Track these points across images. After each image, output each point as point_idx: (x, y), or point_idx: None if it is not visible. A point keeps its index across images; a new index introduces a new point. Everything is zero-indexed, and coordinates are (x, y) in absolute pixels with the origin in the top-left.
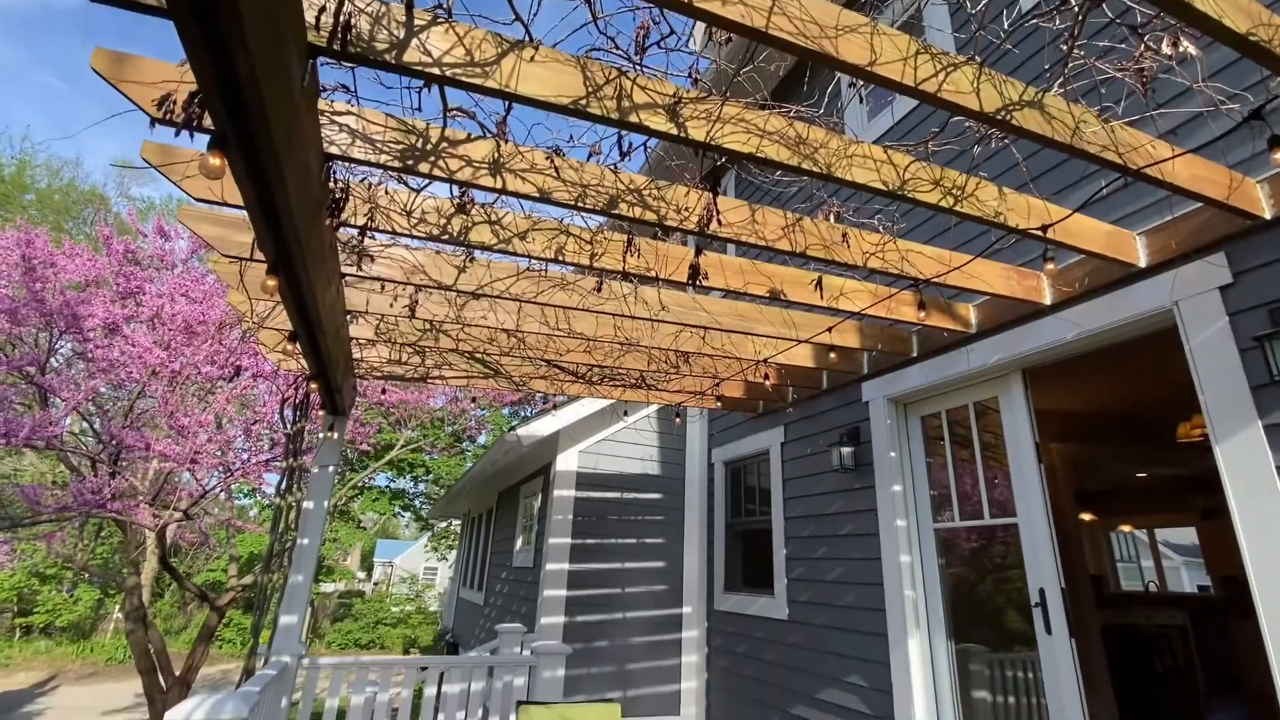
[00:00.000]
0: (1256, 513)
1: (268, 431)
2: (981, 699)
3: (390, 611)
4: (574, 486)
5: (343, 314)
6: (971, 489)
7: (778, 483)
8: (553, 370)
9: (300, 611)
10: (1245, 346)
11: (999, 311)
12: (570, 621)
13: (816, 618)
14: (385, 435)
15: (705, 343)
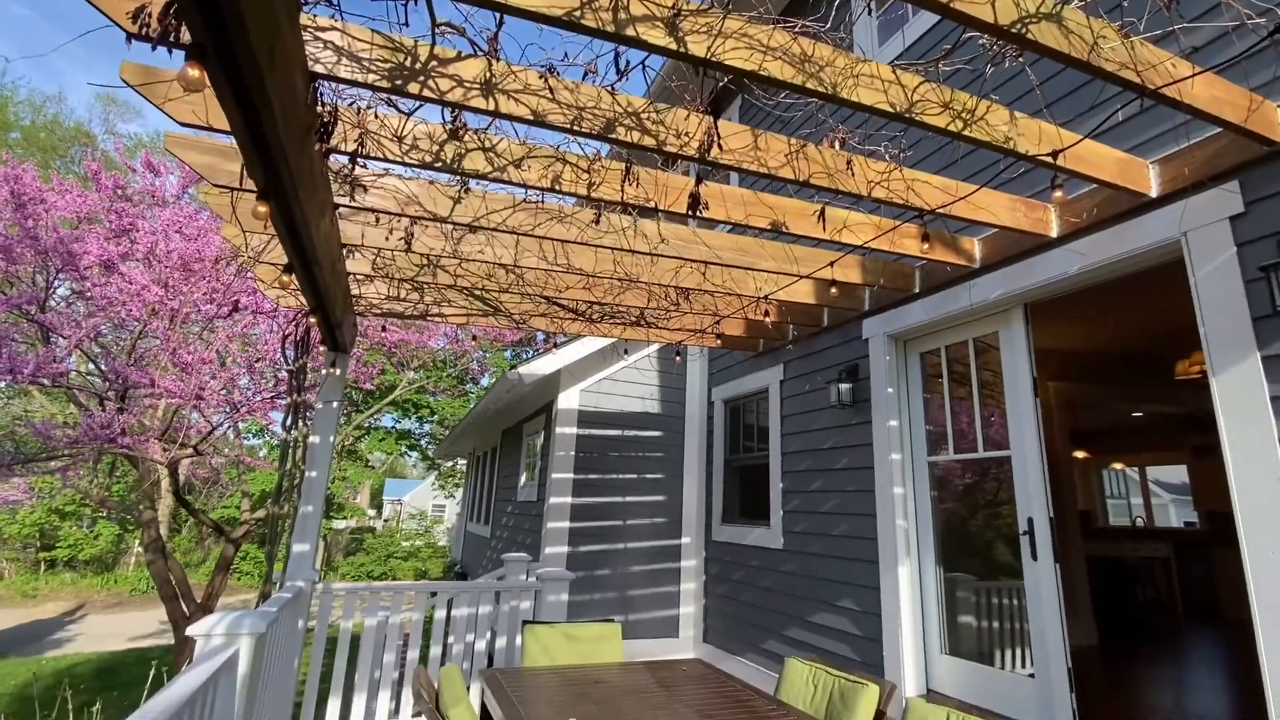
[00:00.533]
0: (1246, 442)
1: (271, 369)
2: (967, 623)
3: (400, 546)
4: (576, 424)
5: (338, 247)
6: (966, 425)
7: (776, 419)
8: (552, 308)
9: (312, 540)
10: (1251, 278)
11: (1004, 245)
12: (574, 551)
13: (811, 547)
14: (389, 376)
15: (706, 279)
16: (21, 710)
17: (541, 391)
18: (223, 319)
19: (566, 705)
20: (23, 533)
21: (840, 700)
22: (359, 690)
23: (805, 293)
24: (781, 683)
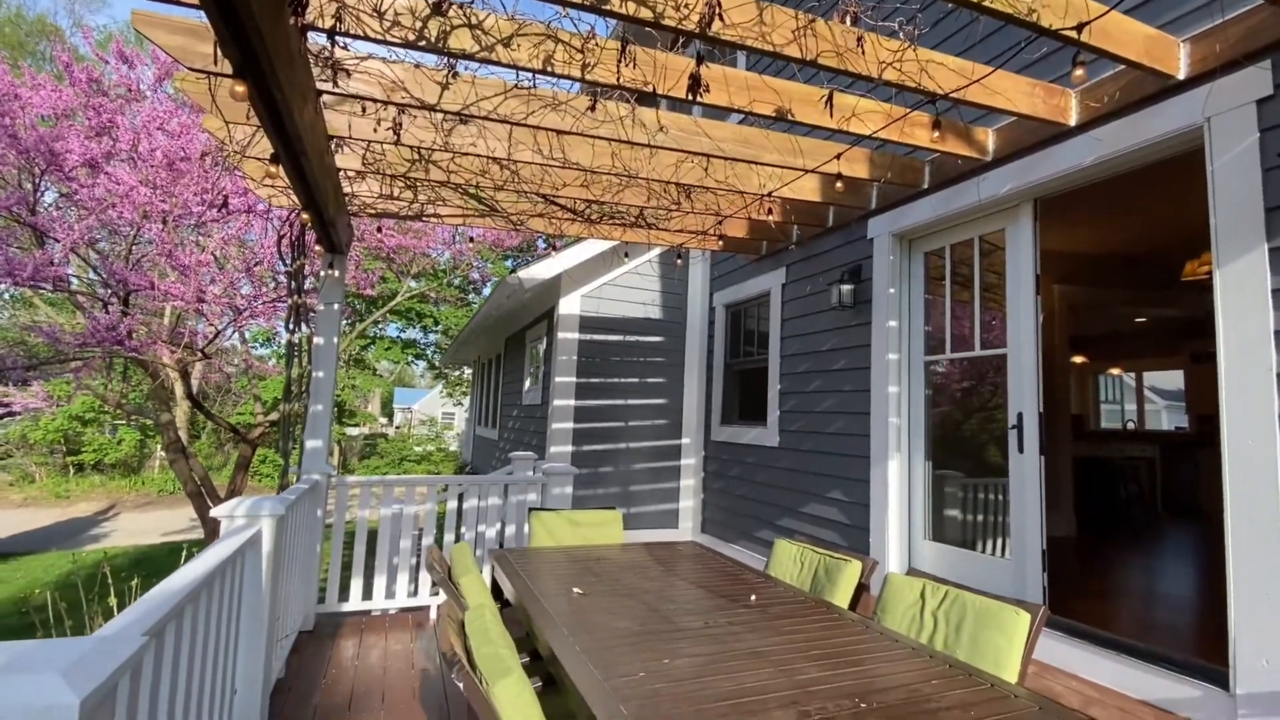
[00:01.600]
0: (1241, 333)
1: (270, 274)
2: (951, 513)
3: (413, 450)
4: (577, 329)
5: (325, 138)
6: (965, 325)
7: (776, 322)
8: (550, 207)
9: (324, 437)
10: (1270, 166)
11: (1019, 135)
12: (578, 450)
13: (805, 444)
14: (391, 284)
15: (708, 174)
16: (65, 595)
17: (542, 297)
18: (216, 221)
19: (570, 578)
20: (47, 438)
21: (825, 575)
22: (379, 573)
23: (811, 190)
24: (771, 561)
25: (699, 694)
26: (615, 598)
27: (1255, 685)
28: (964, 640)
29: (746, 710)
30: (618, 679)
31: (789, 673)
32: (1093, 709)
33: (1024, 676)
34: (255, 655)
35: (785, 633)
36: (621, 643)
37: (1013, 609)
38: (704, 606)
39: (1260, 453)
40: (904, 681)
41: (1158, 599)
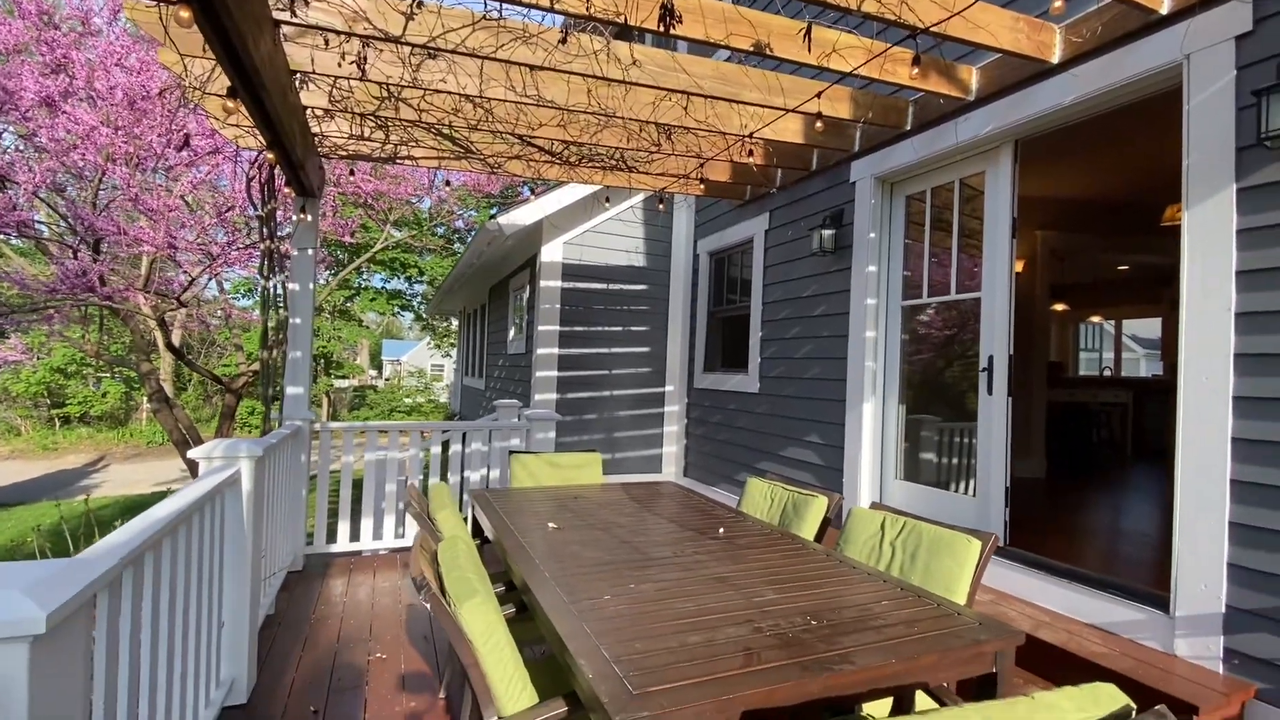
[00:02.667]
0: (1204, 272)
1: (244, 219)
2: (922, 454)
3: (402, 401)
4: (560, 277)
5: (286, 73)
6: (943, 270)
7: (759, 269)
8: (527, 149)
9: (304, 383)
10: (1244, 105)
11: (1002, 73)
12: (562, 398)
13: (784, 389)
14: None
15: (687, 113)
16: (56, 545)
17: (524, 244)
18: (184, 165)
19: (547, 515)
20: (30, 390)
21: (793, 510)
22: (365, 516)
23: (793, 131)
24: (743, 498)
25: (660, 613)
26: (589, 531)
27: (1193, 608)
28: (919, 567)
29: (705, 626)
30: (583, 601)
31: (748, 595)
32: (1041, 631)
33: (972, 598)
34: (241, 590)
35: (749, 561)
36: (591, 571)
37: (965, 537)
38: (674, 539)
39: (1213, 390)
40: (856, 602)
41: (1112, 533)
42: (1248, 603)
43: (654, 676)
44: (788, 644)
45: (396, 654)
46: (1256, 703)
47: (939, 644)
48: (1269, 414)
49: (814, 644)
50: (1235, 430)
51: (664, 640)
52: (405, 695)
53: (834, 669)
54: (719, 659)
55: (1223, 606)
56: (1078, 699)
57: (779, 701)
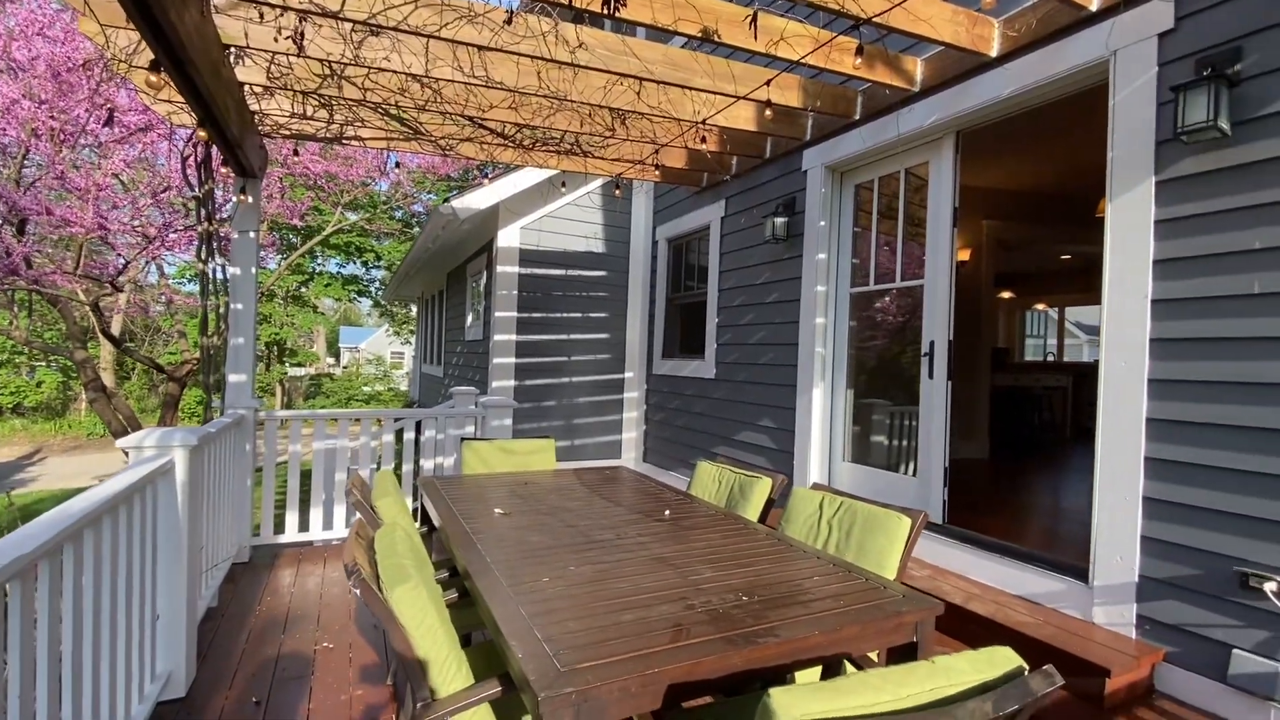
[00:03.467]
0: (1124, 260)
1: (180, 200)
2: (868, 437)
3: (361, 390)
4: (517, 263)
5: (218, 46)
6: (889, 257)
7: (715, 256)
8: (479, 131)
9: (247, 371)
10: (1164, 100)
11: (944, 66)
12: (520, 385)
13: (739, 375)
14: (327, 216)
15: (640, 99)
16: None
17: (480, 229)
18: (117, 142)
19: (495, 501)
20: None
21: (739, 492)
22: (315, 506)
23: (746, 118)
24: (693, 481)
25: (597, 594)
26: (536, 516)
27: (1109, 578)
28: (853, 543)
29: (639, 605)
30: (523, 585)
31: (685, 574)
32: (973, 603)
33: (902, 572)
34: (177, 582)
35: (690, 541)
36: (533, 554)
37: (896, 514)
38: (619, 522)
39: (1131, 373)
40: (788, 578)
41: (1043, 510)
42: (1158, 572)
43: (583, 654)
44: (717, 619)
45: (344, 643)
46: (1164, 665)
47: (862, 616)
48: (1180, 395)
49: (743, 619)
50: (1150, 411)
51: (598, 619)
52: (352, 684)
53: (758, 642)
54: (649, 635)
55: (1136, 576)
56: (975, 661)
57: (703, 674)
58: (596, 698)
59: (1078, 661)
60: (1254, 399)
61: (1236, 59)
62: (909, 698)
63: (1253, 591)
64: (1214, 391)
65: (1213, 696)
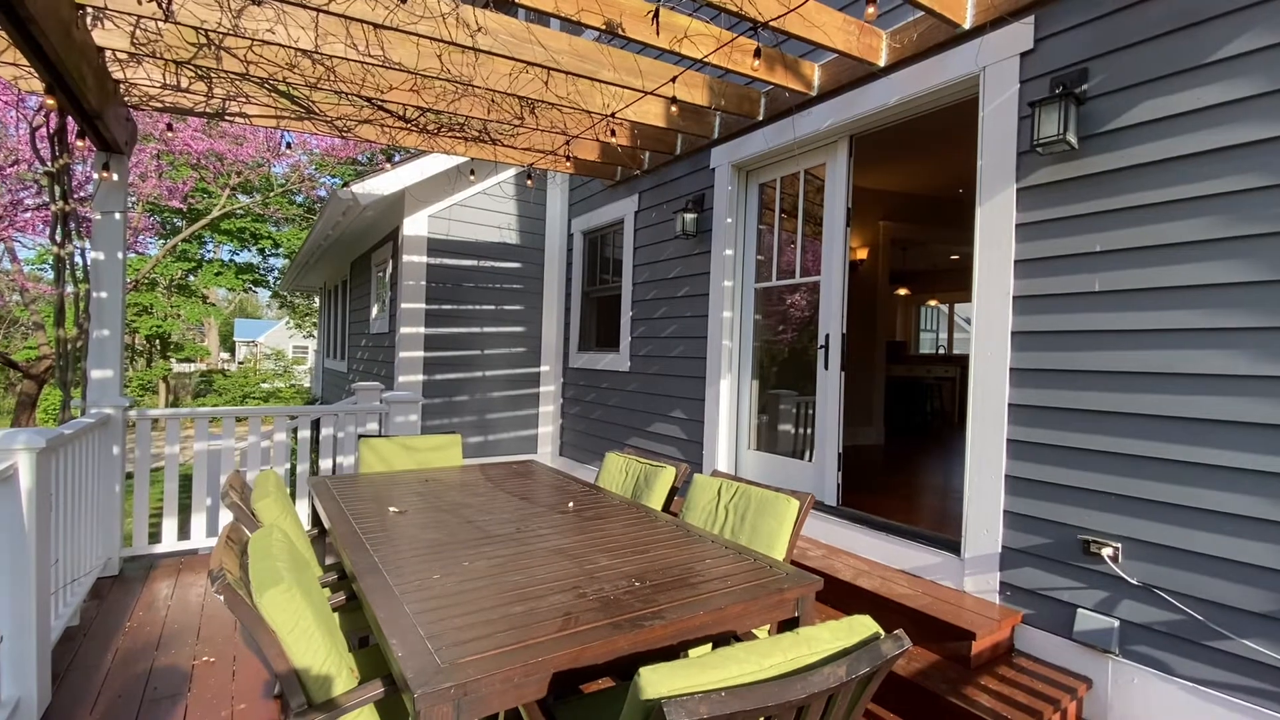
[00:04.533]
0: (989, 262)
1: (32, 175)
2: (772, 427)
3: (259, 387)
4: (425, 252)
5: (69, 4)
6: (790, 254)
7: (629, 250)
8: (379, 114)
9: (114, 365)
10: (1024, 114)
11: (839, 73)
12: (430, 380)
13: (652, 368)
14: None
15: (548, 88)
16: None
17: (385, 216)
18: None
19: (392, 499)
20: None
21: (644, 482)
22: (196, 511)
23: (656, 114)
24: (601, 473)
25: (489, 588)
26: (434, 514)
27: (978, 550)
28: (747, 526)
29: (531, 597)
30: (410, 583)
31: (582, 564)
32: (861, 579)
33: (790, 551)
34: (23, 601)
35: (590, 532)
36: (426, 552)
37: (785, 497)
38: (521, 515)
39: (995, 363)
40: (681, 562)
41: (928, 490)
42: (1017, 543)
43: (467, 649)
44: (607, 606)
45: (228, 656)
46: (1023, 626)
47: (746, 595)
48: (1035, 383)
49: (632, 604)
50: (1011, 397)
51: (486, 614)
52: (235, 699)
53: (645, 625)
54: (537, 625)
55: (999, 547)
56: (835, 630)
57: (589, 660)
58: (478, 691)
59: (949, 627)
60: (1093, 385)
61: (1084, 79)
62: (771, 667)
63: (1093, 556)
64: (1061, 379)
65: (1062, 651)
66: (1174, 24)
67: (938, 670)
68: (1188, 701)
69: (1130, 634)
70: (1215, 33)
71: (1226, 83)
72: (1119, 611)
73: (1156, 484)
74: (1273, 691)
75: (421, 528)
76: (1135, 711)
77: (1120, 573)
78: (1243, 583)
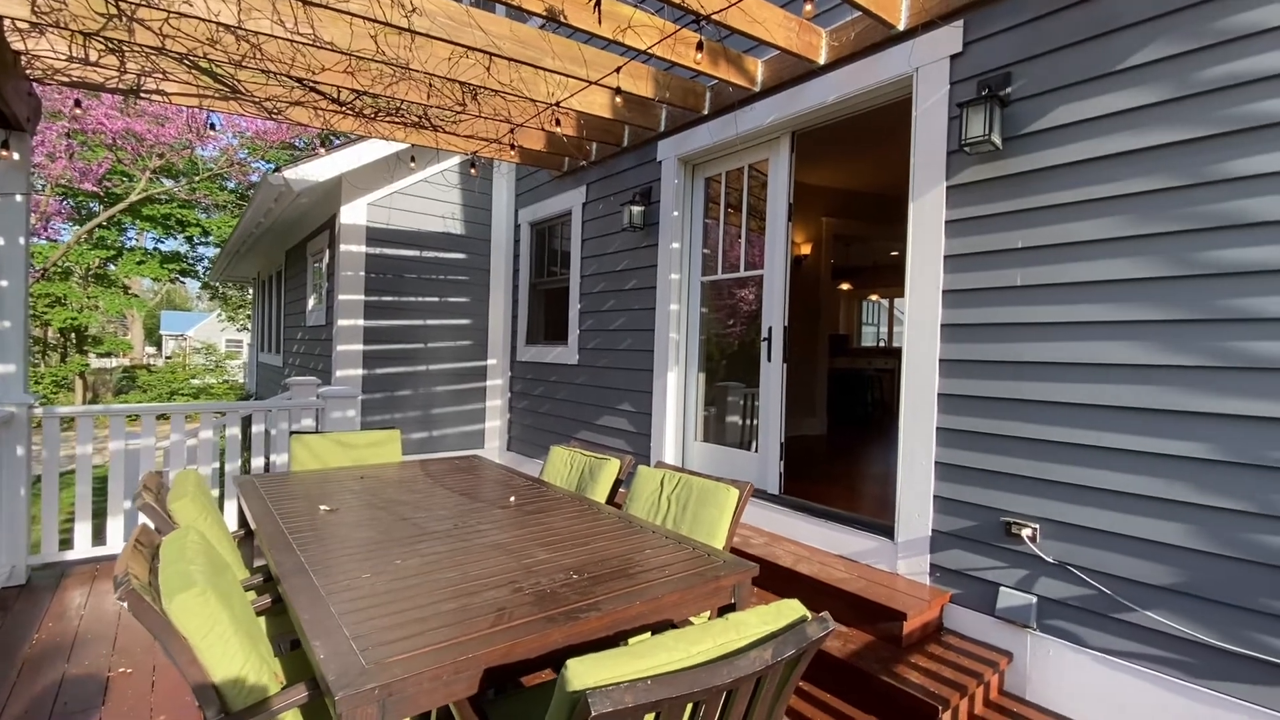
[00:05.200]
0: (921, 257)
1: None
2: (717, 419)
3: (188, 383)
4: (364, 241)
5: None
6: (735, 248)
7: (577, 242)
8: (311, 95)
9: (17, 360)
10: (953, 115)
11: (781, 69)
12: (370, 374)
13: (601, 361)
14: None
15: (490, 75)
16: None
17: (322, 204)
18: None
19: (324, 498)
20: None
21: (589, 474)
22: (113, 515)
23: (602, 104)
24: (545, 467)
25: (421, 586)
26: (368, 511)
27: (910, 534)
28: (688, 517)
29: (465, 593)
30: (338, 583)
31: (520, 558)
32: (801, 565)
33: (730, 539)
34: None
35: (530, 526)
36: (357, 551)
37: (725, 487)
38: (460, 511)
39: (926, 355)
40: (621, 553)
41: (867, 478)
42: (946, 526)
43: (395, 648)
44: (543, 600)
45: (147, 666)
46: (951, 605)
47: (682, 584)
48: (963, 373)
49: (568, 596)
50: (941, 387)
51: (417, 612)
52: (155, 710)
53: (580, 617)
54: (469, 622)
55: (930, 531)
56: (763, 615)
57: (522, 655)
58: (404, 691)
59: (882, 609)
60: (1013, 375)
61: (1008, 83)
62: (699, 654)
63: (1014, 537)
64: (987, 369)
65: (986, 628)
66: (1089, 32)
67: (871, 650)
68: (1098, 671)
69: (1047, 609)
70: (1126, 42)
71: (1135, 89)
72: (1037, 588)
73: (1069, 467)
74: (1173, 659)
75: (354, 526)
76: (1051, 682)
77: (1038, 552)
78: (1146, 558)
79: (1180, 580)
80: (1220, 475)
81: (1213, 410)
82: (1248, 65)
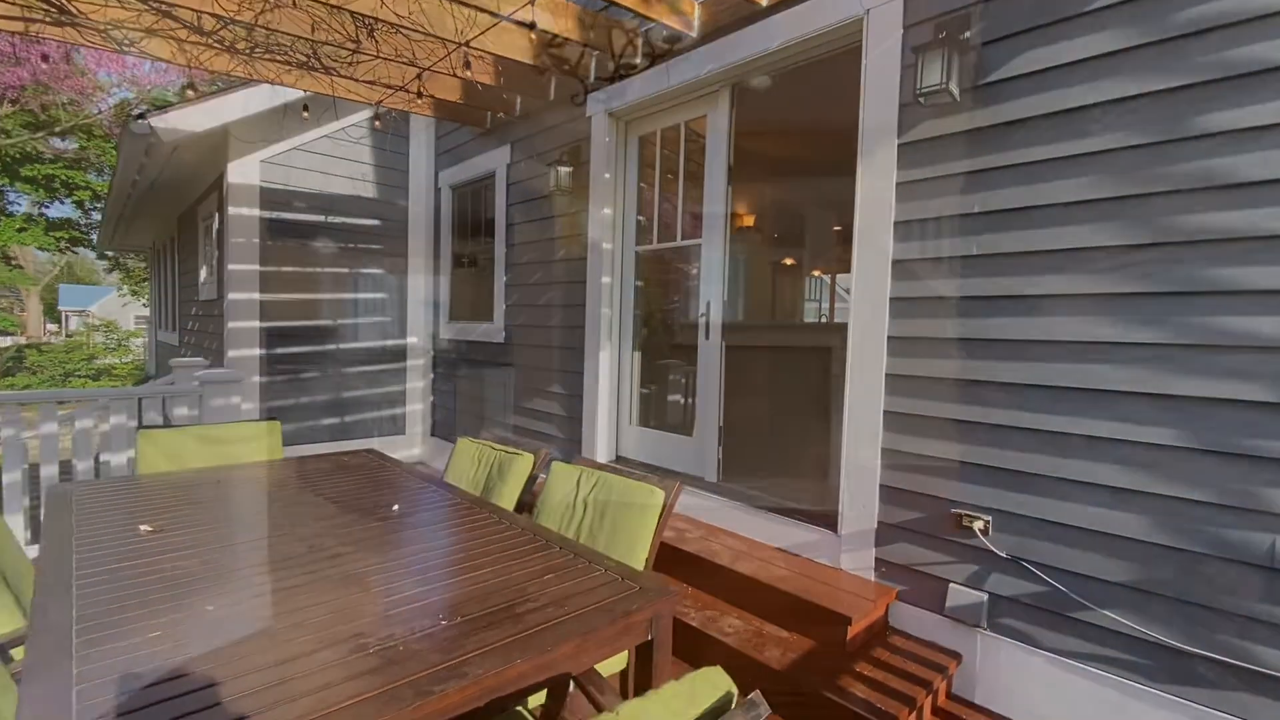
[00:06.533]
0: (868, 220)
1: None
2: (654, 401)
3: (88, 364)
4: (258, 204)
5: None
6: (671, 215)
7: (502, 207)
8: (165, 22)
9: None
10: (906, 64)
11: (719, 11)
12: (270, 354)
13: (529, 338)
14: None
15: (385, 5)
16: None
17: (208, 160)
18: None
19: (155, 511)
20: None
21: (498, 472)
22: None
23: (522, 48)
24: (450, 463)
25: (226, 650)
26: (203, 530)
27: (854, 526)
28: (606, 524)
29: (286, 657)
30: (102, 649)
31: (378, 597)
32: (740, 562)
33: (654, 553)
34: None
35: (408, 545)
36: (163, 593)
37: (650, 487)
38: (324, 527)
39: (873, 331)
40: (514, 582)
41: (812, 464)
42: (892, 518)
43: None
44: (390, 664)
45: None
46: (897, 603)
47: (583, 627)
48: (912, 352)
49: (427, 656)
50: (888, 367)
51: (199, 697)
52: None
53: (433, 691)
54: (273, 710)
55: (875, 523)
56: (670, 698)
57: None
58: None
59: (826, 612)
60: (965, 353)
61: (966, 26)
62: None
63: (965, 530)
64: (935, 347)
65: (934, 627)
66: None
67: (813, 660)
68: (1050, 673)
69: (998, 607)
70: None
71: (1106, 33)
72: (988, 585)
73: (1024, 454)
74: (1129, 661)
75: (175, 553)
76: (1001, 684)
77: (990, 546)
78: (1103, 553)
79: (1140, 577)
80: (1186, 463)
81: (1180, 392)
82: (1234, 3)
